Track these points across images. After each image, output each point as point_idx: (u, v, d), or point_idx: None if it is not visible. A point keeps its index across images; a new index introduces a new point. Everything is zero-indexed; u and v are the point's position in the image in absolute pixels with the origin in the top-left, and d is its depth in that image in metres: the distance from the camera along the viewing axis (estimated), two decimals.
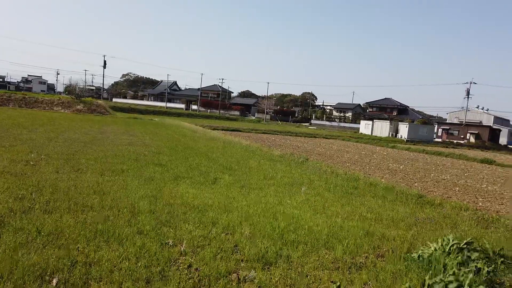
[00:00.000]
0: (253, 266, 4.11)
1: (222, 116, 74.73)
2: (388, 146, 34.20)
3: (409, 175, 13.90)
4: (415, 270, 4.29)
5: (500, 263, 4.65)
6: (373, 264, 4.46)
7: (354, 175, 11.70)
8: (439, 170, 17.07)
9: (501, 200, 10.22)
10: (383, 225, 6.34)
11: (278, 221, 5.86)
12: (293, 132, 41.33)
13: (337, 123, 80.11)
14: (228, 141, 21.63)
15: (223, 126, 38.02)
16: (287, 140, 28.47)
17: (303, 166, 13.25)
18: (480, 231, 6.51)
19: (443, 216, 7.44)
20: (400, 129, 56.96)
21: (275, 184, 9.12)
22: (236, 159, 13.17)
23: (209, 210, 6.12)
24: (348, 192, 9.00)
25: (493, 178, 15.56)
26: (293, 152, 18.27)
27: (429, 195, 9.59)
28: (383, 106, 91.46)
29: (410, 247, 5.18)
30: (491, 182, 14.21)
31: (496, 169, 20.38)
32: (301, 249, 4.73)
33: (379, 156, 22.21)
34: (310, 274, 4.02)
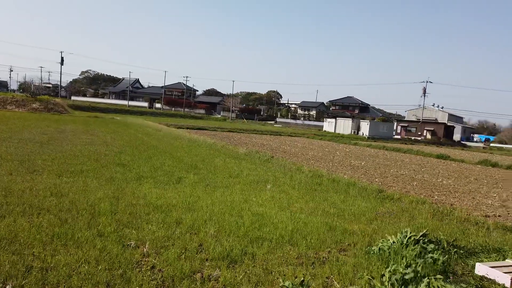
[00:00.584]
0: (218, 265, 4.10)
1: (187, 114, 73.78)
2: (351, 143, 35.15)
3: (370, 171, 14.35)
4: (375, 263, 4.44)
5: (453, 253, 4.92)
6: (336, 258, 4.57)
7: (318, 172, 11.94)
8: (398, 165, 17.75)
9: (455, 193, 10.78)
10: (345, 220, 6.51)
11: (243, 219, 5.87)
12: (258, 130, 41.54)
13: (302, 121, 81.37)
14: (193, 139, 21.39)
15: (188, 125, 37.54)
16: (253, 138, 28.57)
17: (269, 163, 13.35)
18: (436, 223, 6.84)
19: (401, 210, 7.75)
20: (362, 126, 58.71)
21: (240, 182, 9.13)
22: (201, 158, 13.06)
23: (173, 210, 6.03)
24: (312, 189, 9.16)
25: (448, 173, 16.39)
26: (258, 150, 18.36)
27: (389, 190, 9.95)
28: (346, 104, 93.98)
29: (370, 240, 5.36)
30: (446, 176, 14.95)
31: (450, 164, 21.49)
32: (266, 246, 4.77)
33: (342, 153, 22.77)
34: (274, 271, 4.06)
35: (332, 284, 3.83)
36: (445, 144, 52.36)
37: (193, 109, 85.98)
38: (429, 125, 64.37)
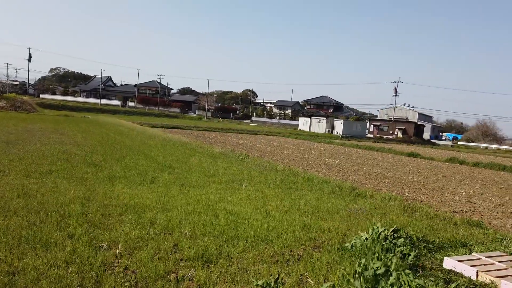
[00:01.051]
0: (193, 264, 4.07)
1: (161, 113, 72.73)
2: (325, 142, 35.66)
3: (344, 169, 14.61)
4: (348, 259, 4.52)
5: (423, 247, 5.09)
6: (310, 255, 4.63)
7: (293, 171, 12.05)
8: (371, 163, 18.16)
9: (425, 190, 11.13)
10: (319, 217, 6.60)
11: (218, 218, 5.85)
12: (234, 129, 41.48)
13: (277, 120, 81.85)
14: (167, 138, 21.12)
15: (162, 124, 37.02)
16: (228, 137, 28.50)
17: (244, 162, 13.35)
18: (406, 219, 7.04)
19: (374, 206, 7.93)
20: (336, 125, 59.68)
21: (216, 182, 9.09)
22: (176, 157, 12.91)
23: (147, 210, 5.94)
24: (287, 187, 9.24)
25: (418, 170, 16.90)
26: (234, 149, 18.34)
27: (362, 188, 10.16)
28: (320, 103, 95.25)
29: (344, 237, 5.46)
30: (416, 174, 15.41)
31: (420, 162, 22.17)
32: (241, 245, 4.77)
33: (316, 151, 23.07)
34: (250, 269, 4.07)
35: (306, 281, 3.87)
36: (416, 143, 53.97)
37: (168, 108, 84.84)
38: (400, 124, 66.16)
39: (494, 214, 8.46)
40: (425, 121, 79.69)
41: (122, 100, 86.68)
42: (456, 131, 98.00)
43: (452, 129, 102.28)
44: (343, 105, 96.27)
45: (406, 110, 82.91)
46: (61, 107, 55.24)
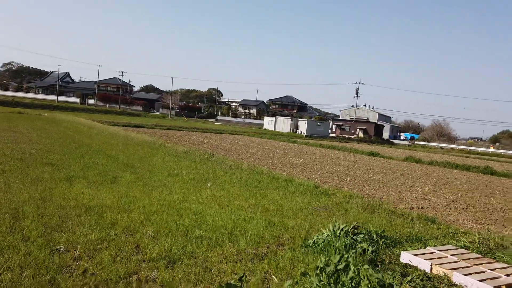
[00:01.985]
0: (156, 265, 4.00)
1: (123, 111, 70.68)
2: (289, 141, 36.13)
3: (308, 168, 14.88)
4: (311, 256, 4.62)
5: (381, 243, 5.29)
6: (274, 253, 4.69)
7: (258, 169, 12.12)
8: (333, 162, 18.62)
9: (384, 188, 11.57)
10: (284, 215, 6.69)
11: (182, 218, 5.78)
12: (199, 128, 41.07)
13: (243, 119, 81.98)
14: (129, 137, 20.57)
15: (124, 122, 36.00)
16: (193, 136, 28.20)
17: (209, 161, 13.27)
18: (366, 216, 7.28)
19: (336, 204, 8.14)
20: (300, 125, 60.64)
21: (180, 181, 8.97)
22: (139, 156, 12.61)
23: (107, 211, 5.76)
24: (252, 186, 9.28)
25: (378, 169, 17.53)
26: (199, 148, 18.17)
27: (325, 186, 10.40)
28: (285, 103, 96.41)
29: (307, 234, 5.56)
30: (376, 172, 15.98)
31: (380, 161, 23.00)
32: (205, 244, 4.75)
33: (281, 150, 23.33)
34: (214, 268, 4.06)
35: (270, 278, 3.92)
36: (376, 142, 55.90)
37: (130, 106, 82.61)
38: (361, 124, 68.26)
39: (447, 210, 8.94)
40: (385, 122, 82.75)
41: (81, 97, 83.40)
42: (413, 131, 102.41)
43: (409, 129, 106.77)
44: (307, 105, 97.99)
45: (367, 110, 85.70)
46: (14, 104, 52.32)
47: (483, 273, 4.23)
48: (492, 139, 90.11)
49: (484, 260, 4.77)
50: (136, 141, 18.62)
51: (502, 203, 10.84)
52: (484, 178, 17.93)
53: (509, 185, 16.00)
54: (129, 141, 18.19)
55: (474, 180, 16.44)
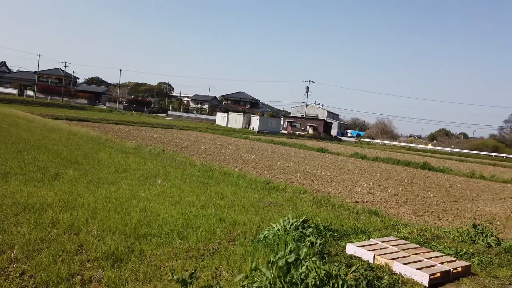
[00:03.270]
0: (101, 265, 3.84)
1: (66, 104, 66.80)
2: (242, 137, 36.26)
3: (260, 164, 15.03)
4: (262, 250, 4.68)
5: (329, 236, 5.48)
6: (225, 248, 4.69)
7: (210, 165, 12.04)
8: (284, 158, 18.97)
9: (332, 183, 11.99)
10: (235, 211, 6.71)
11: (130, 215, 5.60)
12: (149, 123, 39.91)
13: (194, 115, 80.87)
14: (73, 132, 19.51)
15: (67, 116, 34.04)
16: (143, 131, 27.35)
17: (159, 157, 12.95)
18: (315, 210, 7.51)
19: (286, 199, 8.31)
20: (252, 121, 61.02)
21: (128, 177, 8.67)
22: (83, 152, 12.00)
23: (48, 210, 5.43)
24: (203, 182, 9.20)
25: (326, 164, 18.12)
26: (148, 143, 17.67)
27: (276, 181, 10.57)
28: (237, 99, 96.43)
29: (258, 229, 5.63)
30: (324, 168, 16.51)
31: (328, 157, 23.80)
32: (155, 242, 4.64)
33: (233, 146, 23.34)
34: (163, 266, 3.98)
35: (221, 274, 3.92)
36: (325, 139, 57.73)
37: (74, 99, 78.25)
38: (311, 121, 70.14)
39: (389, 204, 9.46)
40: (333, 119, 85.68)
41: (19, 89, 77.55)
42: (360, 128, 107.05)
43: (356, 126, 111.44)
44: (259, 102, 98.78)
45: (317, 108, 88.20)
46: None
47: (420, 262, 4.53)
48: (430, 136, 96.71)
49: (422, 249, 5.12)
50: (81, 136, 17.70)
51: (438, 196, 11.67)
52: (422, 173, 19.20)
53: (444, 179, 17.28)
54: (72, 136, 17.24)
55: (413, 175, 17.54)
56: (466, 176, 19.99)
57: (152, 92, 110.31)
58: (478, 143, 71.19)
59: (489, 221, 8.45)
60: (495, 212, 9.97)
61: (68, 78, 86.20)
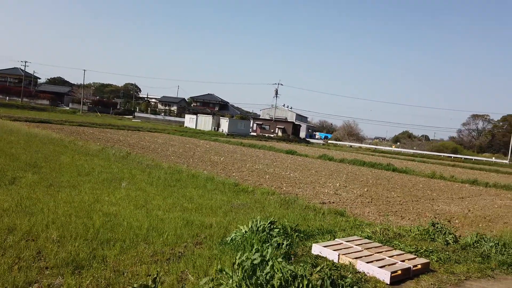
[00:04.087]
0: (60, 272, 3.69)
1: (26, 105, 63.84)
2: (211, 139, 36.03)
3: (229, 166, 14.99)
4: (229, 253, 4.66)
5: (295, 236, 5.54)
6: (192, 252, 4.64)
7: (178, 168, 11.88)
8: (254, 160, 19.03)
9: (300, 184, 12.14)
10: (203, 214, 6.66)
11: (93, 220, 5.43)
12: (114, 125, 38.85)
13: (162, 117, 79.50)
14: (33, 134, 18.68)
15: (27, 117, 32.54)
16: (108, 134, 26.59)
17: (125, 160, 12.64)
18: (283, 211, 7.58)
19: (254, 201, 8.33)
20: (222, 123, 60.81)
21: (91, 181, 8.40)
22: (44, 155, 11.52)
23: (4, 215, 5.17)
24: (170, 185, 9.07)
25: (295, 166, 18.34)
26: (114, 146, 17.20)
27: (245, 183, 10.58)
28: (206, 101, 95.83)
29: (226, 232, 5.61)
30: (293, 169, 16.70)
31: (297, 159, 24.10)
32: (118, 247, 4.51)
33: (202, 149, 23.16)
34: (127, 271, 3.88)
35: (186, 277, 3.87)
36: (293, 141, 58.41)
37: (34, 99, 74.91)
38: (280, 124, 70.76)
39: (355, 204, 9.70)
40: (302, 121, 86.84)
41: None
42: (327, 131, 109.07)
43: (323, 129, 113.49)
44: (228, 104, 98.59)
45: (286, 110, 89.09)
46: None
47: (382, 260, 4.67)
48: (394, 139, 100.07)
49: (384, 248, 5.28)
50: (41, 138, 16.97)
51: (401, 196, 12.09)
52: (386, 174, 19.83)
53: (407, 180, 17.93)
54: (32, 138, 16.50)
55: (378, 176, 18.08)
56: (428, 176, 20.83)
57: (118, 93, 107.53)
58: (438, 145, 74.41)
59: (448, 220, 8.83)
60: (454, 211, 10.44)
61: (28, 78, 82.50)
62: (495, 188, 18.09)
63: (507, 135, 74.06)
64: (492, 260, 5.60)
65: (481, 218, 9.62)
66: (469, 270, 5.10)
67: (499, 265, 5.44)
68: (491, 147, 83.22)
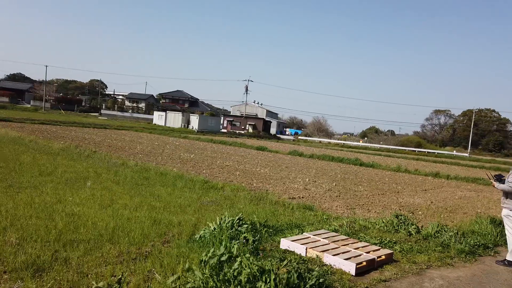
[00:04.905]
0: (20, 276, 3.54)
1: None
2: (181, 136, 35.57)
3: (199, 163, 14.86)
4: (197, 250, 4.63)
5: (264, 232, 5.58)
6: (159, 251, 4.57)
7: (146, 166, 11.66)
8: (224, 157, 18.96)
9: (270, 180, 12.22)
10: (171, 212, 6.57)
11: (55, 221, 5.24)
12: (79, 122, 37.57)
13: (130, 114, 77.61)
14: None
15: None
16: (72, 132, 25.68)
17: (90, 159, 12.26)
18: (252, 207, 7.61)
19: (224, 198, 8.31)
20: (192, 120, 60.14)
21: (54, 181, 8.10)
22: (2, 154, 10.99)
23: None
24: (138, 184, 8.89)
25: (265, 162, 18.44)
26: (79, 144, 16.64)
27: (215, 180, 10.53)
28: (176, 98, 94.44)
29: (194, 229, 5.56)
30: (263, 166, 16.78)
31: (267, 155, 24.23)
32: (82, 248, 4.38)
33: (172, 146, 22.82)
34: (91, 273, 3.77)
35: (153, 277, 3.81)
36: (264, 137, 58.63)
37: None
38: (251, 120, 70.86)
39: (323, 198, 9.88)
40: (272, 118, 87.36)
41: None
42: (297, 127, 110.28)
43: (294, 125, 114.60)
44: (198, 100, 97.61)
45: (256, 107, 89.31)
46: None
47: (348, 252, 4.80)
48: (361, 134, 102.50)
49: (350, 240, 5.41)
50: (0, 137, 16.16)
51: (368, 190, 12.43)
52: (354, 169, 20.31)
53: (374, 174, 18.44)
54: None
55: (346, 171, 18.49)
56: (393, 170, 21.52)
57: (83, 90, 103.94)
58: (403, 139, 76.95)
59: (412, 211, 9.18)
60: (417, 202, 10.85)
61: None
62: (456, 180, 18.94)
63: (467, 129, 77.70)
64: (451, 249, 5.86)
65: (443, 209, 10.05)
66: (430, 259, 5.33)
67: (458, 253, 5.71)
68: (452, 141, 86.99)
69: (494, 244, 6.56)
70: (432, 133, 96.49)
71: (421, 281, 4.53)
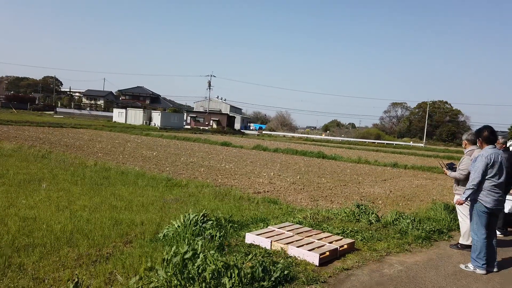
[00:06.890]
0: None
1: None
2: (142, 134, 34.70)
3: (162, 161, 14.57)
4: (161, 249, 4.54)
5: (229, 227, 5.57)
6: (121, 252, 4.44)
7: (106, 165, 11.28)
8: (188, 154, 18.71)
9: (235, 175, 12.21)
10: (133, 211, 6.40)
11: (8, 226, 4.96)
12: (33, 121, 35.69)
13: (88, 111, 74.75)
14: None
15: None
16: (25, 131, 24.35)
17: (45, 159, 11.69)
18: (217, 203, 7.57)
19: (188, 195, 8.21)
20: (153, 117, 58.82)
21: (5, 184, 7.65)
22: None
23: None
24: (98, 183, 8.58)
25: (230, 158, 18.39)
26: (33, 144, 15.82)
27: (179, 178, 10.36)
28: (136, 94, 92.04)
29: (158, 228, 5.45)
30: (228, 161, 16.73)
31: (232, 150, 24.18)
32: (37, 252, 4.17)
33: (133, 144, 22.22)
34: (48, 278, 3.60)
35: (115, 278, 3.70)
36: (228, 133, 58.43)
37: None
38: (215, 116, 70.37)
39: (288, 192, 10.00)
40: (236, 113, 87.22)
41: None
42: (261, 121, 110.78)
43: (258, 120, 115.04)
44: (160, 97, 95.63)
45: (220, 102, 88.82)
46: None
47: (312, 244, 4.89)
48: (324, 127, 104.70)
49: (313, 232, 5.52)
50: None
51: (330, 181, 12.72)
52: (317, 162, 20.72)
53: (336, 166, 18.91)
54: None
55: (310, 164, 18.83)
56: (354, 162, 22.17)
57: (37, 88, 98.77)
58: (363, 132, 79.44)
59: (372, 201, 9.50)
60: (377, 192, 11.25)
61: None
62: (412, 170, 19.83)
63: (422, 120, 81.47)
64: (409, 235, 6.14)
65: (401, 198, 10.48)
66: (389, 246, 5.55)
67: (415, 239, 5.99)
68: (409, 132, 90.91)
69: (448, 229, 6.94)
70: (390, 125, 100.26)
71: (381, 267, 4.70)
